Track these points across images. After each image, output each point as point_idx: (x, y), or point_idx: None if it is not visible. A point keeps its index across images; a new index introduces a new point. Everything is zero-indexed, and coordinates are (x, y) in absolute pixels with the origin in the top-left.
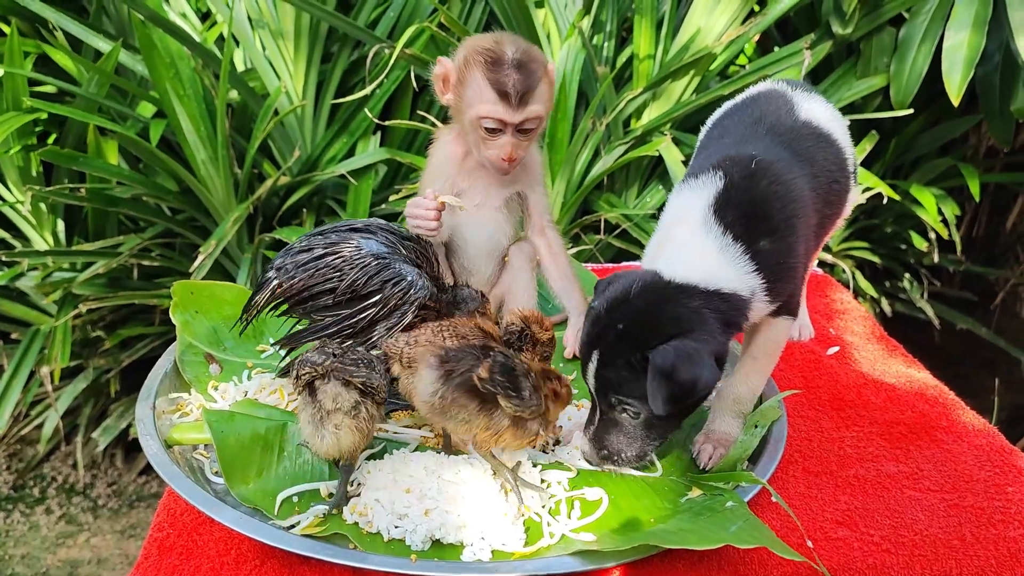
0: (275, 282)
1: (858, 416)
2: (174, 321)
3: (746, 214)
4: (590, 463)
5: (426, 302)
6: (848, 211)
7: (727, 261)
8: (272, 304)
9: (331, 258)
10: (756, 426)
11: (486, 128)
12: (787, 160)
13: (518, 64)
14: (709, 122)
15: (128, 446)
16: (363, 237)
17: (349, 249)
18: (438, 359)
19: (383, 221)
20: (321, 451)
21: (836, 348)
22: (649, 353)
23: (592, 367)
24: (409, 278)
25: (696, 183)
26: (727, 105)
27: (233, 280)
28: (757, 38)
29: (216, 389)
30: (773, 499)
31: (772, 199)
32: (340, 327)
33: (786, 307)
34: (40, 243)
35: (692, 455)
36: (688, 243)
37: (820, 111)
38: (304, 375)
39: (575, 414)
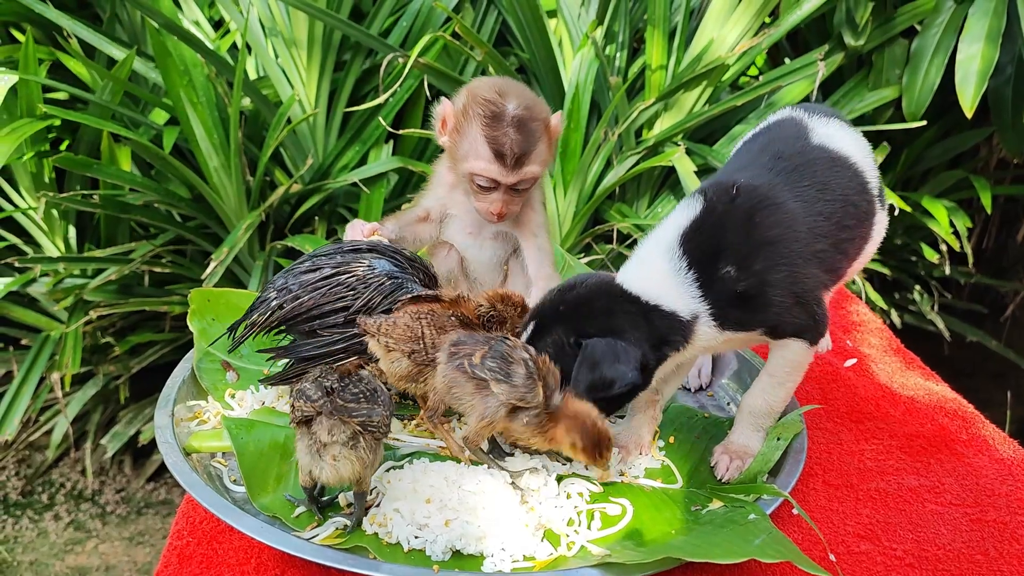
0: (275, 302)
1: (877, 429)
2: (191, 329)
3: (710, 241)
4: None
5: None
6: (878, 234)
7: (674, 284)
8: (272, 324)
9: (343, 277)
10: (778, 439)
11: (478, 184)
12: (779, 185)
13: (518, 123)
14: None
15: (137, 453)
16: (374, 258)
17: (362, 269)
18: (455, 346)
19: (387, 242)
20: (322, 480)
21: (854, 360)
22: (584, 341)
23: (525, 336)
24: (420, 290)
25: (684, 205)
26: (747, 134)
27: (244, 287)
28: (768, 49)
29: (233, 397)
30: (795, 512)
31: (748, 225)
32: (349, 344)
33: (781, 330)
34: (52, 249)
35: (711, 466)
36: (647, 260)
37: (837, 135)
38: (298, 414)
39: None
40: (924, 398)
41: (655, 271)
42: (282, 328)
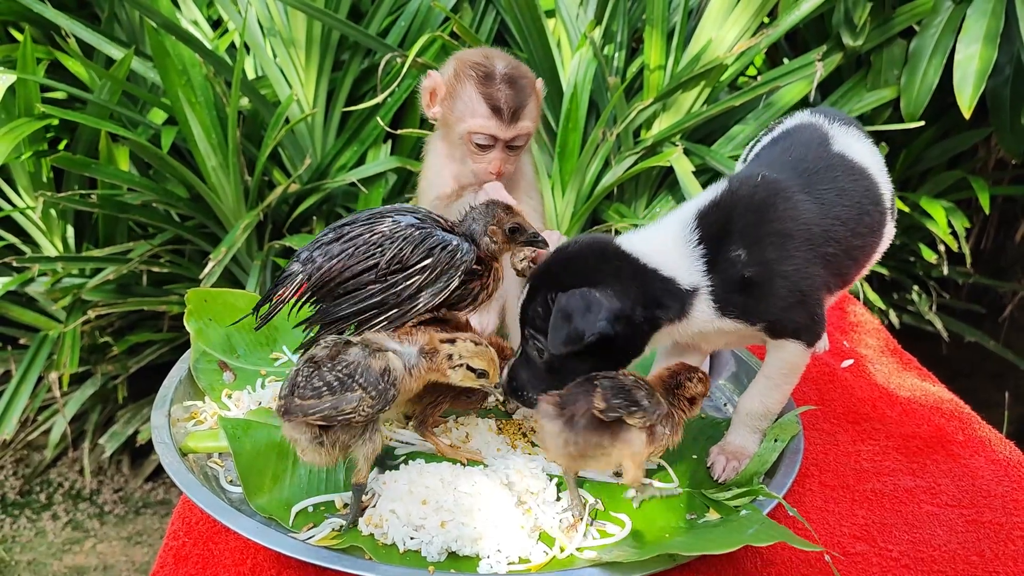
0: (300, 275)
1: (874, 430)
2: (188, 329)
3: (726, 222)
4: (505, 395)
5: (472, 266)
6: (884, 245)
7: (680, 253)
8: (302, 297)
9: (368, 235)
10: (776, 440)
11: (476, 143)
12: (800, 184)
13: (510, 79)
14: (747, 151)
15: (135, 452)
16: (397, 215)
17: (386, 226)
18: (555, 407)
19: (412, 207)
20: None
21: (850, 361)
22: (557, 294)
23: (521, 298)
24: (455, 243)
25: (709, 190)
26: (766, 137)
27: (242, 287)
28: (766, 50)
29: (230, 397)
30: (790, 513)
31: (766, 213)
32: (385, 296)
33: (780, 328)
34: (50, 249)
35: (707, 467)
36: (659, 228)
37: (856, 145)
38: (275, 407)
39: None
40: (921, 399)
41: (663, 238)
42: (313, 299)
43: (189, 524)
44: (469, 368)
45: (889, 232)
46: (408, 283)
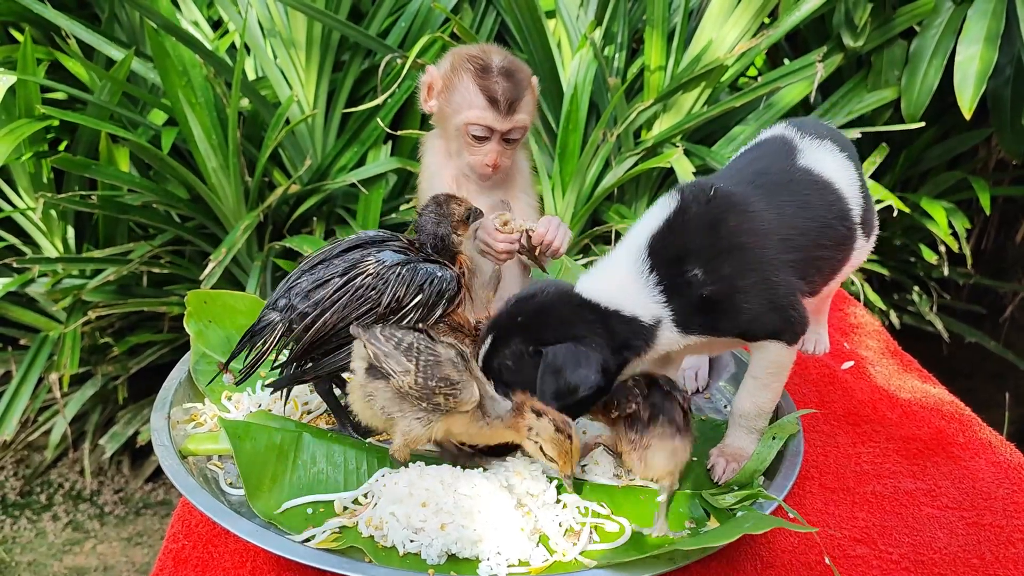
0: (280, 324)
1: (874, 432)
2: (188, 331)
3: (679, 243)
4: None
5: (453, 293)
6: (857, 259)
7: (635, 288)
8: (294, 350)
9: (359, 279)
10: (773, 438)
11: (473, 135)
12: (757, 196)
13: (506, 72)
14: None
15: (135, 453)
16: (376, 251)
17: (372, 265)
18: (671, 426)
19: (373, 231)
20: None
21: (851, 363)
22: (544, 349)
23: (484, 349)
24: (439, 273)
25: (661, 203)
26: (741, 149)
27: (242, 288)
28: (767, 50)
29: (230, 399)
30: (791, 515)
31: (720, 229)
32: None
33: (753, 335)
34: (50, 250)
35: (707, 469)
36: (610, 265)
37: (825, 159)
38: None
39: (589, 427)
40: (921, 401)
41: (616, 276)
42: (306, 355)
43: (189, 527)
44: (542, 449)
45: (861, 247)
46: (404, 322)
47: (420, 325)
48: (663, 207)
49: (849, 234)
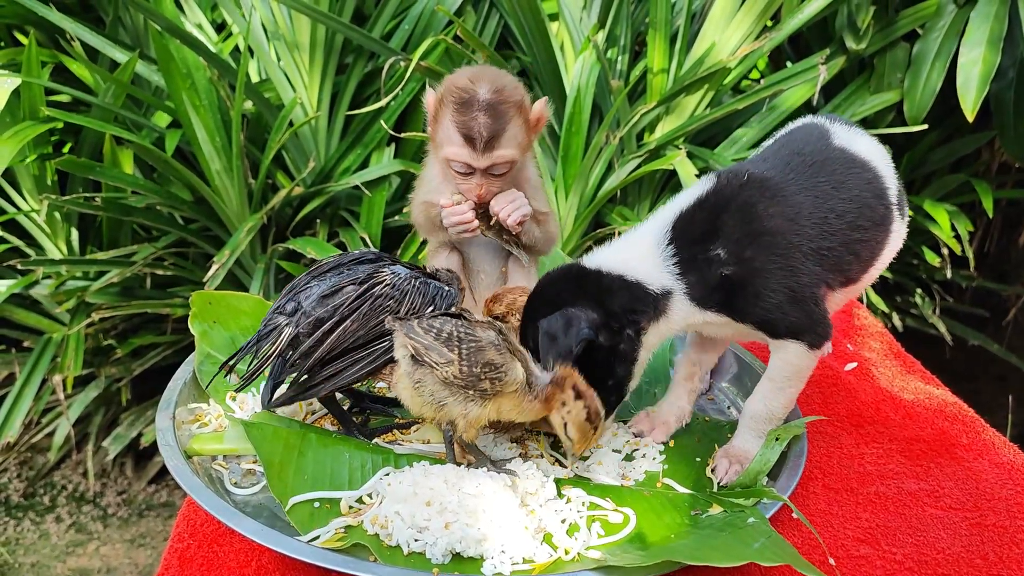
0: (288, 328)
1: (878, 433)
2: (193, 332)
3: (705, 222)
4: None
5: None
6: (895, 243)
7: (646, 258)
8: (311, 357)
9: (379, 288)
10: (777, 439)
11: (455, 170)
12: (792, 179)
13: (488, 107)
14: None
15: (138, 455)
16: (388, 264)
17: (388, 276)
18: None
19: (374, 250)
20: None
21: (854, 364)
22: (539, 323)
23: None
24: (447, 288)
25: (697, 184)
26: (768, 140)
27: (246, 290)
28: (770, 53)
29: (234, 400)
30: (794, 516)
31: (749, 212)
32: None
33: (773, 327)
34: (54, 252)
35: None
36: (631, 236)
37: (858, 140)
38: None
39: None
40: (925, 402)
41: (628, 247)
42: (319, 363)
43: (194, 526)
44: (566, 430)
45: (898, 229)
46: None
47: (454, 308)
48: (697, 188)
49: (887, 213)
